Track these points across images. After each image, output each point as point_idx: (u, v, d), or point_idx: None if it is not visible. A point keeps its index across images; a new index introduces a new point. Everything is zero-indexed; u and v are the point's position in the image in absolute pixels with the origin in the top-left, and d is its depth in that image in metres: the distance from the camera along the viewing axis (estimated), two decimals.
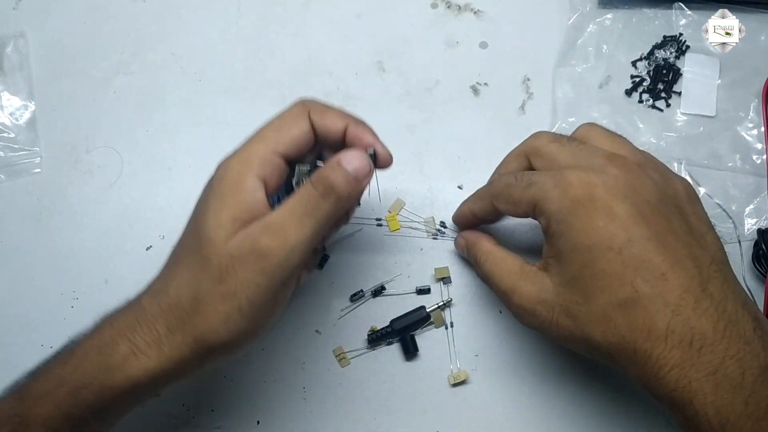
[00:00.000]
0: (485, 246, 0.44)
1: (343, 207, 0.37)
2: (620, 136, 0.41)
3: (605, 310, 0.34)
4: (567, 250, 0.36)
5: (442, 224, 0.51)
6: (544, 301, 0.38)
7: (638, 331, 0.33)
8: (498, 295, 0.42)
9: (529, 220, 0.41)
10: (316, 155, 0.42)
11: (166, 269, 0.39)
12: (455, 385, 0.47)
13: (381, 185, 0.52)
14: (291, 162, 0.39)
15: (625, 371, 0.35)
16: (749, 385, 0.31)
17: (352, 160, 0.36)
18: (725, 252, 0.37)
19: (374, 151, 0.39)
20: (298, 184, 0.39)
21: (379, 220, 0.51)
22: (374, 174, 0.39)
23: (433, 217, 0.51)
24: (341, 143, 0.39)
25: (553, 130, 0.54)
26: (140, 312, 0.36)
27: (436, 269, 0.49)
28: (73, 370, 0.35)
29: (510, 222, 0.50)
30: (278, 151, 0.37)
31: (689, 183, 0.40)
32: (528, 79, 0.56)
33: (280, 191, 0.39)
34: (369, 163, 0.37)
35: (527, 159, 0.42)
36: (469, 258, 0.46)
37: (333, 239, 0.50)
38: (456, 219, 0.49)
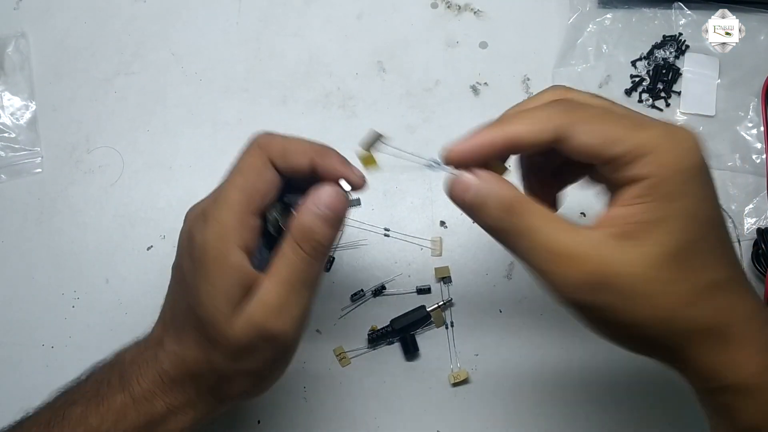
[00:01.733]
0: (521, 196, 0.32)
1: (332, 245, 0.36)
2: None
3: (709, 288, 0.31)
4: (680, 217, 0.30)
5: (435, 162, 0.41)
6: (619, 274, 0.30)
7: (738, 311, 0.31)
8: (538, 258, 0.31)
9: None
10: (281, 189, 0.39)
11: (174, 331, 0.37)
12: (456, 384, 0.47)
13: (384, 186, 0.52)
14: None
15: (695, 359, 0.32)
16: None
17: (325, 198, 0.35)
18: None
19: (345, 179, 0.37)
20: (275, 229, 0.37)
21: (387, 230, 0.51)
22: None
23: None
24: (310, 174, 0.37)
25: None
26: (165, 375, 0.36)
27: (436, 269, 0.49)
28: (113, 426, 0.36)
29: None
30: (251, 213, 0.35)
31: None
32: (528, 79, 0.56)
33: (259, 244, 0.37)
34: (342, 195, 0.35)
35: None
36: (484, 207, 0.33)
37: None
38: (469, 145, 0.34)
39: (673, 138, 0.31)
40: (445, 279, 0.49)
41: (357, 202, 0.46)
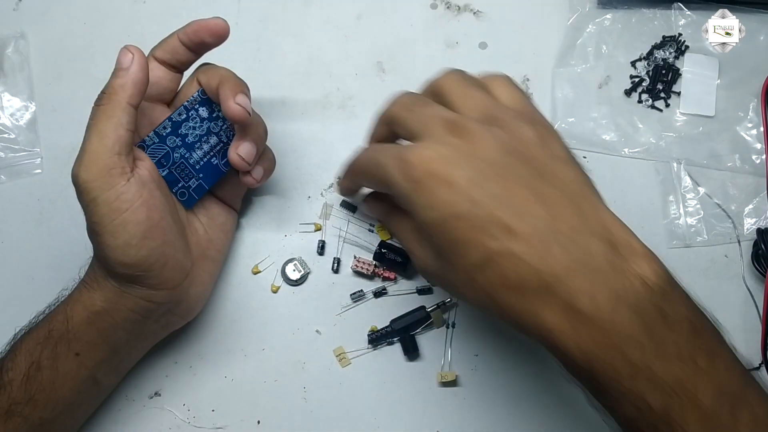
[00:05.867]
0: (387, 207, 0.45)
1: (136, 97, 0.43)
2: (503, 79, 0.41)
3: (468, 274, 0.35)
4: (422, 225, 0.37)
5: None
6: (431, 265, 0.39)
7: (498, 287, 0.34)
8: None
9: None
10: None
11: None
12: (444, 384, 0.47)
13: None
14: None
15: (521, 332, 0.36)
16: (606, 316, 0.32)
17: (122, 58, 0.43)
18: (585, 180, 0.36)
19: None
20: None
21: (371, 225, 0.51)
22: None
23: None
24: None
25: None
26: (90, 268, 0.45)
27: None
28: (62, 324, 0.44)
29: None
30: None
31: (546, 124, 0.38)
32: (527, 79, 0.56)
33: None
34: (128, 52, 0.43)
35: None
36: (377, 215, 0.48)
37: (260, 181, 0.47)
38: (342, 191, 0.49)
39: (396, 168, 0.37)
40: None
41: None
